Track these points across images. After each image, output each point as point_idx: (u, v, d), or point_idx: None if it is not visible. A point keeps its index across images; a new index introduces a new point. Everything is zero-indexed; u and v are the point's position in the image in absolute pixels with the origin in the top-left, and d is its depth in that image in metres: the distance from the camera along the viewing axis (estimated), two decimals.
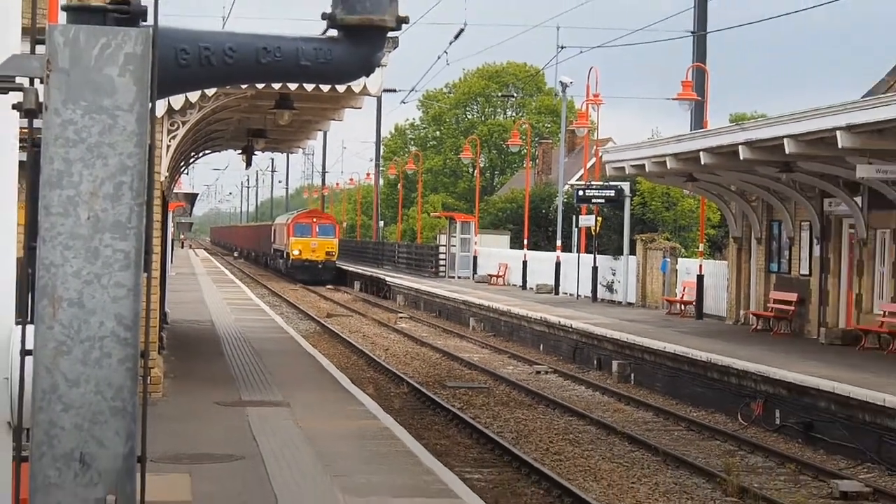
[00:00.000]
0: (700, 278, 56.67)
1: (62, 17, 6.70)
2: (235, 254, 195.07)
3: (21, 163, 7.80)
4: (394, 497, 18.52)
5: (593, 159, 70.85)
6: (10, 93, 6.64)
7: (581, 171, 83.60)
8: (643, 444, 30.18)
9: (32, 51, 6.51)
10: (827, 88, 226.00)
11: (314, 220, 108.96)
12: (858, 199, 42.67)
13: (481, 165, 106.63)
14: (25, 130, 7.11)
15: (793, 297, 47.50)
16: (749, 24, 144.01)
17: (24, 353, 6.65)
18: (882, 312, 41.58)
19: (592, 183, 69.00)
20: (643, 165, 50.56)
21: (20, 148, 8.05)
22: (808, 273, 47.44)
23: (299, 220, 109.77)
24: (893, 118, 31.24)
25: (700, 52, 58.75)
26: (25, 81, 6.63)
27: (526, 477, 26.19)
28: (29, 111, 6.57)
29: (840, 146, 34.17)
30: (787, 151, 37.29)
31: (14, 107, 6.76)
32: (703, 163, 44.31)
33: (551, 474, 25.78)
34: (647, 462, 28.38)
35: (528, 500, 23.89)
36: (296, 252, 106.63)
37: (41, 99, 6.37)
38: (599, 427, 32.87)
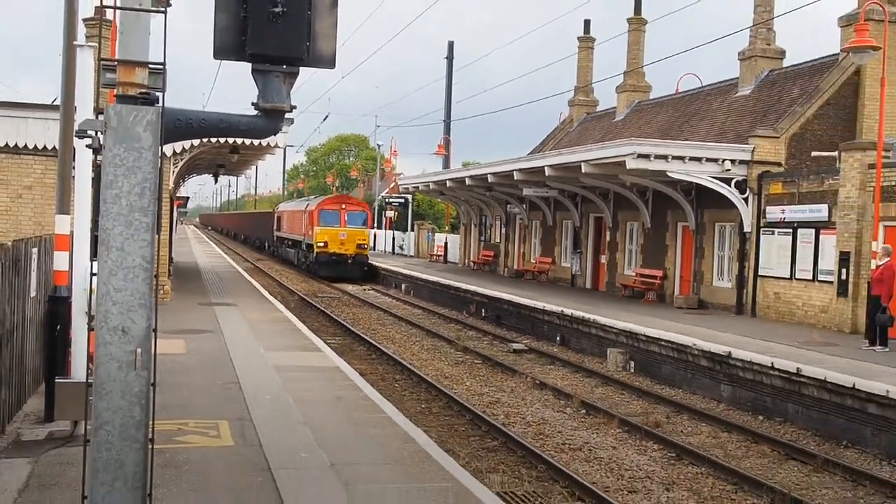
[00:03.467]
0: (446, 243, 57.49)
1: (115, 100, 6.52)
2: (209, 228, 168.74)
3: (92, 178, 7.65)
4: (289, 350, 18.37)
5: (393, 183, 70.91)
6: (86, 138, 6.49)
7: (387, 189, 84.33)
8: (417, 325, 30.32)
9: (97, 117, 6.32)
10: (515, 148, 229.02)
11: (343, 206, 56.75)
12: (525, 205, 43.25)
13: (336, 185, 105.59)
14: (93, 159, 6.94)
15: (491, 253, 48.07)
16: (475, 116, 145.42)
17: (92, 274, 6.46)
18: (535, 261, 42.38)
19: (393, 195, 69.36)
20: (418, 186, 50.77)
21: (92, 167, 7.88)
22: (499, 241, 48.01)
23: (326, 206, 56.75)
24: (538, 166, 31.72)
25: (447, 130, 58.99)
26: (93, 133, 6.46)
27: (357, 341, 26.19)
28: (95, 149, 6.40)
29: (515, 179, 34.59)
30: (489, 181, 37.64)
31: (87, 146, 6.61)
32: (448, 186, 44.63)
33: (370, 339, 25.83)
34: (418, 334, 28.53)
35: (358, 353, 23.88)
36: (321, 244, 53.29)
37: (102, 142, 6.21)
38: (395, 317, 32.93)
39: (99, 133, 6.35)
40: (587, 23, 48.80)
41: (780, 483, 12.87)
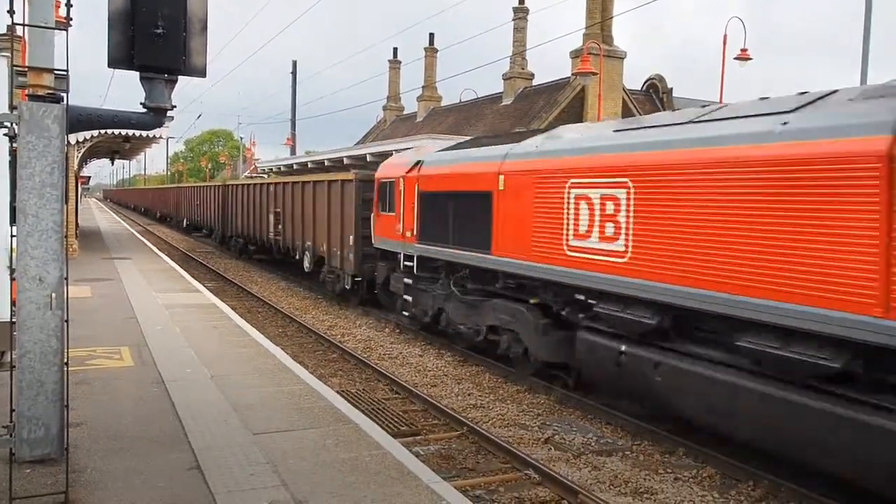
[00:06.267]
0: None
1: (27, 98, 6.01)
2: (108, 201, 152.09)
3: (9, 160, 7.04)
4: (175, 292, 17.55)
5: (253, 165, 68.49)
6: (3, 129, 5.95)
7: (248, 170, 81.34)
8: (274, 272, 29.58)
9: (11, 112, 5.80)
10: (345, 140, 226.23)
11: None
12: None
13: (209, 168, 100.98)
14: (10, 145, 6.38)
15: None
16: (315, 116, 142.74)
17: (12, 236, 5.97)
18: None
19: (254, 174, 66.85)
20: (272, 168, 49.24)
21: (9, 152, 7.28)
22: None
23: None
24: (362, 154, 31.41)
25: (293, 127, 57.64)
26: (9, 124, 5.93)
27: (229, 284, 25.27)
28: (11, 137, 5.91)
29: (345, 163, 34.15)
30: (325, 164, 36.98)
31: (4, 135, 6.08)
32: (294, 168, 43.38)
33: (238, 283, 24.97)
34: (275, 279, 27.84)
35: (229, 293, 23.04)
36: None
37: (17, 132, 5.72)
38: (257, 266, 32.03)
39: (14, 124, 5.86)
40: (395, 50, 49.16)
41: (534, 375, 13.47)
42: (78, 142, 23.62)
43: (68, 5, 5.83)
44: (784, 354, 6.78)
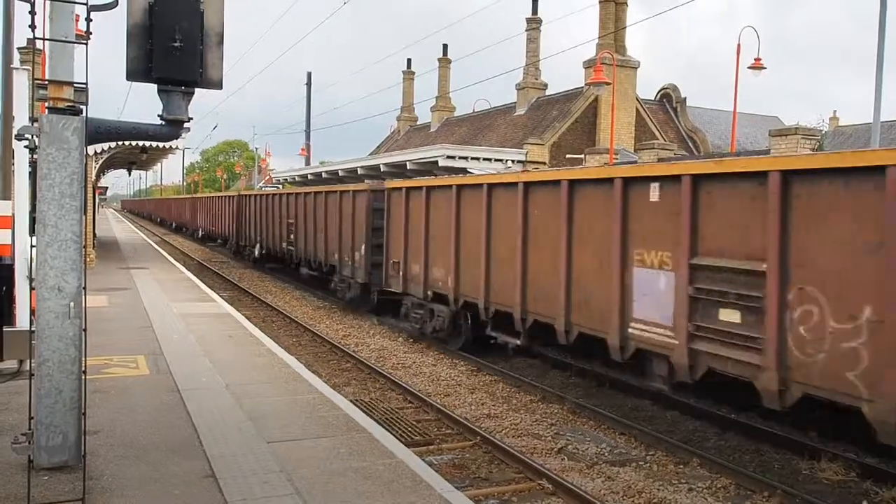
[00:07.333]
0: None
1: (46, 111, 6.10)
2: (125, 211, 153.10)
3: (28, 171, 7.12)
4: (190, 301, 17.68)
5: (268, 176, 68.51)
6: (24, 140, 6.03)
7: (263, 180, 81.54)
8: (288, 281, 29.62)
9: (32, 124, 5.89)
10: (359, 150, 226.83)
11: None
12: None
13: (224, 178, 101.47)
14: (30, 157, 6.45)
15: None
16: (330, 126, 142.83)
17: (32, 246, 6.04)
18: None
19: (268, 185, 66.95)
20: (287, 178, 49.44)
21: (29, 163, 7.35)
22: None
23: None
24: (376, 164, 31.53)
25: (308, 137, 57.36)
26: (30, 136, 6.02)
27: (244, 293, 25.36)
28: (32, 149, 6.00)
29: (359, 173, 34.29)
30: (339, 174, 37.09)
31: (25, 146, 6.16)
32: (309, 178, 43.66)
33: (253, 292, 25.06)
34: (289, 287, 27.90)
35: (244, 302, 23.14)
36: None
37: (37, 144, 5.80)
38: (271, 275, 32.11)
39: (34, 136, 5.96)
40: (409, 61, 49.38)
41: (548, 384, 13.44)
42: (96, 153, 23.88)
43: (88, 19, 5.92)
44: None
